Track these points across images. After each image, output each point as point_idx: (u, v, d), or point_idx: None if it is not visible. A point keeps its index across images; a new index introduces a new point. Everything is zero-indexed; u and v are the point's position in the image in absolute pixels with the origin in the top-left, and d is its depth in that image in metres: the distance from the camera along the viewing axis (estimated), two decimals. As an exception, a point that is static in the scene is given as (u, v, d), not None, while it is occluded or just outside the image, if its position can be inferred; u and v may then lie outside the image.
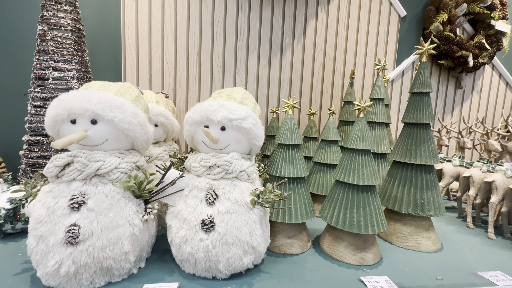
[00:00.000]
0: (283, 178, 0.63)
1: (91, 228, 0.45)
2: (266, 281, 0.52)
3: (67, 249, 0.44)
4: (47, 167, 0.48)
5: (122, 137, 0.51)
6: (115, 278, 0.49)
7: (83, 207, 0.46)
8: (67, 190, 0.47)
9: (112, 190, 0.48)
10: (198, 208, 0.51)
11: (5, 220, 0.61)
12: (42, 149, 0.79)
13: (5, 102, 1.03)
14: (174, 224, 0.53)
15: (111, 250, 0.46)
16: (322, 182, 0.88)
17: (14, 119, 1.01)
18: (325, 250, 0.65)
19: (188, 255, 0.50)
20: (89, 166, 0.47)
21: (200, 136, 0.54)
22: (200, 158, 0.54)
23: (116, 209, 0.48)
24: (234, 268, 0.51)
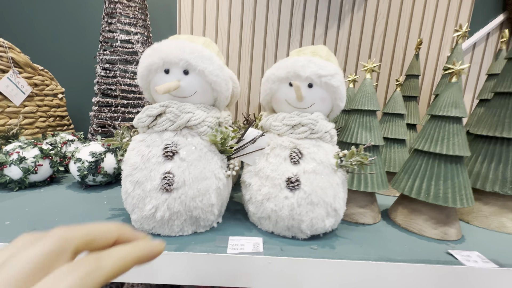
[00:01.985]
0: (358, 145, 0.60)
1: (183, 177, 0.46)
2: (346, 245, 0.50)
3: (163, 195, 0.45)
4: (138, 117, 0.49)
5: (208, 91, 0.50)
6: (200, 229, 0.51)
7: (176, 156, 0.46)
8: (159, 139, 0.48)
9: (200, 143, 0.49)
10: (282, 167, 0.50)
11: (88, 171, 0.65)
12: (111, 111, 0.83)
13: (75, 65, 1.08)
14: (254, 182, 0.53)
15: (200, 201, 0.47)
16: (385, 157, 0.84)
17: (84, 82, 1.07)
18: (399, 222, 0.62)
19: (271, 212, 0.50)
20: (181, 117, 0.47)
21: (283, 94, 0.52)
22: (282, 117, 0.52)
23: (204, 162, 0.48)
24: (316, 229, 0.50)
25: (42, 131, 0.85)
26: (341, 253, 0.47)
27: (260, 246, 0.47)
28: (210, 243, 0.47)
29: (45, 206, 0.57)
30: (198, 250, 0.44)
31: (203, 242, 0.47)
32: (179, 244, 0.46)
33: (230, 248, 0.45)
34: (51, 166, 0.69)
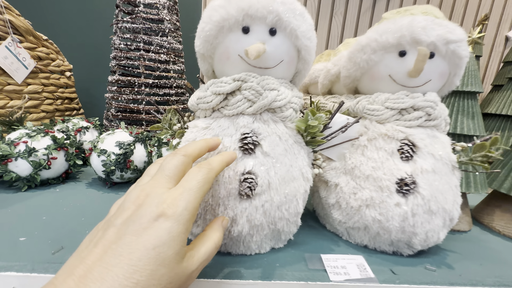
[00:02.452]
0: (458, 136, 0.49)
1: (268, 178, 0.34)
2: (463, 263, 0.40)
3: (241, 203, 0.33)
4: (199, 96, 0.36)
5: (294, 62, 0.37)
6: (279, 244, 0.39)
7: (258, 149, 0.34)
8: (232, 126, 0.35)
9: (284, 132, 0.36)
10: (388, 164, 0.38)
11: (115, 166, 0.52)
12: (133, 92, 0.69)
13: (81, 36, 0.92)
14: (344, 183, 0.41)
15: (286, 209, 0.35)
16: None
17: (93, 57, 0.91)
18: (498, 229, 0.52)
19: (372, 222, 0.38)
20: (264, 96, 0.34)
21: (388, 67, 0.39)
22: (384, 98, 0.40)
23: (290, 157, 0.36)
24: (428, 244, 0.39)
25: (49, 116, 0.71)
26: (467, 276, 0.36)
27: (367, 268, 0.35)
28: (299, 264, 0.36)
29: (68, 213, 0.45)
30: (291, 277, 0.33)
31: (291, 264, 0.36)
32: (262, 268, 0.34)
33: (331, 272, 0.34)
34: (66, 159, 0.55)
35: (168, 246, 0.20)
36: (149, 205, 0.22)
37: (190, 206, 0.23)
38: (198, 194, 0.24)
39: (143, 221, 0.21)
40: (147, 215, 0.21)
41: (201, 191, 0.24)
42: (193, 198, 0.23)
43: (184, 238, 0.22)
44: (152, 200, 0.22)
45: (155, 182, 0.24)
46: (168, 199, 0.22)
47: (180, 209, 0.22)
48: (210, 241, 0.27)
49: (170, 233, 0.21)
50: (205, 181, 0.25)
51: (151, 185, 0.24)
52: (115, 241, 0.20)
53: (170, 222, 0.21)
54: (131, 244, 0.19)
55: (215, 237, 0.28)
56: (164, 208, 0.21)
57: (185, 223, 0.22)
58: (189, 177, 0.25)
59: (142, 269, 0.19)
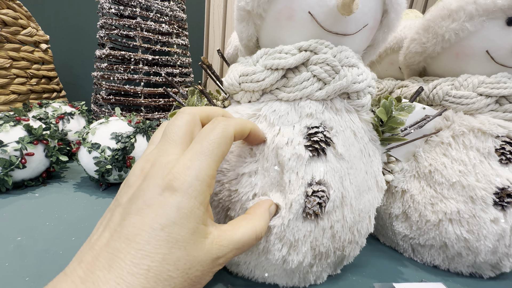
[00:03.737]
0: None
1: (342, 190, 0.24)
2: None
3: (305, 224, 0.24)
4: (244, 72, 0.25)
5: (375, 29, 0.27)
6: (337, 270, 0.30)
7: (329, 150, 0.24)
8: (293, 112, 0.25)
9: (360, 126, 0.27)
10: (482, 168, 0.30)
11: (112, 165, 0.41)
12: (128, 70, 0.56)
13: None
14: (416, 189, 0.32)
15: (358, 230, 0.26)
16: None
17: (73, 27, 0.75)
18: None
19: (455, 240, 0.30)
20: (342, 74, 0.24)
21: (487, 40, 0.30)
22: (477, 81, 0.31)
23: (366, 160, 0.26)
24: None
25: (22, 98, 0.57)
26: None
27: (457, 302, 0.28)
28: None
29: (52, 229, 0.33)
30: (370, 322, 0.25)
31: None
32: (328, 309, 0.26)
33: (416, 311, 0.26)
34: (46, 154, 0.43)
35: (180, 225, 0.17)
36: (152, 177, 0.18)
37: (202, 174, 0.18)
38: (211, 158, 0.19)
39: (147, 197, 0.17)
40: (151, 189, 0.18)
41: (216, 154, 0.19)
42: (206, 164, 0.19)
43: (199, 214, 0.18)
44: (157, 171, 0.18)
45: (159, 150, 0.20)
46: (174, 168, 0.18)
47: (189, 179, 0.18)
48: (250, 227, 0.21)
49: (180, 209, 0.17)
50: (220, 141, 0.20)
51: (155, 153, 0.20)
52: (120, 222, 0.17)
53: (178, 196, 0.17)
54: (136, 225, 0.17)
55: (257, 224, 0.22)
56: (170, 179, 0.18)
57: (198, 195, 0.18)
58: (200, 137, 0.20)
59: (152, 253, 0.16)
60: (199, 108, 0.23)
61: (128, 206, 0.18)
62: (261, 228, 0.22)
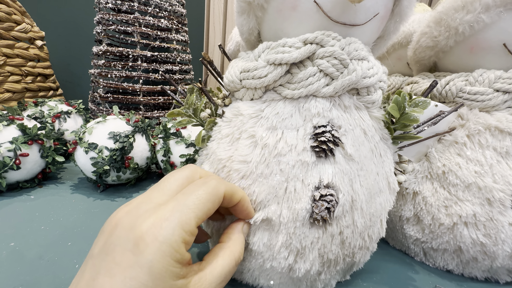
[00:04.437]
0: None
1: (352, 193, 0.23)
2: None
3: (312, 230, 0.22)
4: (244, 68, 0.24)
5: (386, 19, 0.25)
6: (346, 276, 0.29)
7: (338, 151, 0.23)
8: (297, 114, 0.23)
9: (370, 124, 0.25)
10: (500, 168, 0.28)
11: (110, 165, 0.39)
12: (126, 67, 0.54)
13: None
14: (429, 191, 0.31)
15: (369, 235, 0.25)
16: None
17: (69, 23, 0.74)
18: None
19: (471, 245, 0.29)
20: (351, 69, 0.22)
21: (503, 33, 0.27)
22: (493, 77, 0.29)
23: (377, 161, 0.25)
24: (535, 269, 0.30)
25: (17, 97, 0.55)
26: None
27: (474, 311, 0.26)
28: (383, 308, 0.26)
29: (48, 234, 0.32)
30: (382, 334, 0.23)
31: (373, 308, 0.26)
32: (338, 319, 0.24)
33: (432, 322, 0.25)
34: (42, 155, 0.42)
35: (153, 287, 0.15)
36: (123, 228, 0.16)
37: (179, 229, 0.16)
38: (194, 213, 0.17)
39: (116, 253, 0.16)
40: (121, 243, 0.16)
41: (201, 210, 0.18)
42: (186, 218, 0.17)
43: (175, 271, 0.16)
44: (130, 220, 0.17)
45: (144, 196, 0.19)
46: (149, 219, 0.16)
47: (164, 232, 0.16)
48: (228, 256, 0.20)
49: (152, 269, 0.15)
50: (208, 197, 0.18)
51: (139, 199, 0.19)
52: (89, 283, 0.15)
53: (150, 254, 0.15)
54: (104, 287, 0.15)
55: (235, 249, 0.21)
56: (142, 232, 0.16)
57: (172, 253, 0.16)
58: (189, 189, 0.19)
59: None
60: (204, 170, 0.22)
61: (98, 262, 0.16)
62: (239, 252, 0.21)
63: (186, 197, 0.18)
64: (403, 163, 0.29)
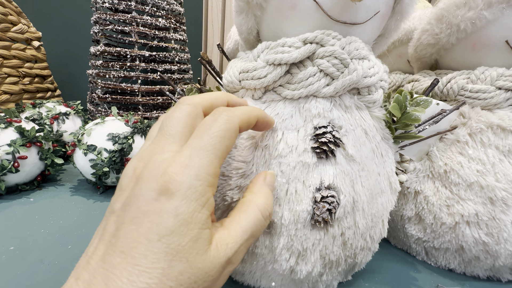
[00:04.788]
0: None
1: (354, 194, 0.23)
2: None
3: (314, 232, 0.22)
4: (243, 68, 0.23)
5: (387, 17, 0.24)
6: (348, 277, 0.29)
7: (338, 151, 0.22)
8: (298, 115, 0.23)
9: (371, 124, 0.25)
10: (502, 167, 0.28)
11: (110, 167, 0.39)
12: (124, 67, 0.54)
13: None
14: (431, 190, 0.30)
15: (371, 236, 0.25)
16: None
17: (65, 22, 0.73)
18: None
19: (473, 244, 0.28)
20: (351, 68, 0.22)
21: (506, 29, 0.27)
22: (495, 74, 0.28)
23: (378, 161, 0.25)
24: (538, 268, 0.30)
25: (15, 99, 0.55)
26: None
27: (476, 311, 0.26)
28: (385, 308, 0.26)
29: (47, 237, 0.32)
30: (385, 335, 0.23)
31: (375, 309, 0.26)
32: (340, 320, 0.24)
33: (434, 322, 0.25)
34: (40, 157, 0.42)
35: (179, 233, 0.15)
36: (146, 179, 0.16)
37: (202, 172, 0.16)
38: (214, 154, 0.17)
39: (140, 203, 0.15)
40: (145, 194, 0.15)
41: (219, 149, 0.17)
42: (207, 161, 0.16)
43: (202, 218, 0.16)
44: (150, 171, 0.16)
45: (154, 146, 0.18)
46: (170, 168, 0.16)
47: (188, 179, 0.15)
48: (252, 209, 0.19)
49: (178, 215, 0.15)
50: (223, 134, 0.17)
51: (150, 150, 0.18)
52: (114, 233, 0.15)
53: (176, 200, 0.15)
54: (131, 236, 0.15)
55: (259, 201, 0.19)
56: (165, 181, 0.15)
57: (199, 197, 0.16)
58: (200, 130, 0.18)
59: (150, 269, 0.14)
60: (200, 96, 0.20)
61: (121, 213, 0.16)
62: (264, 204, 0.19)
63: (200, 140, 0.17)
64: (405, 162, 0.29)
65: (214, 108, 0.20)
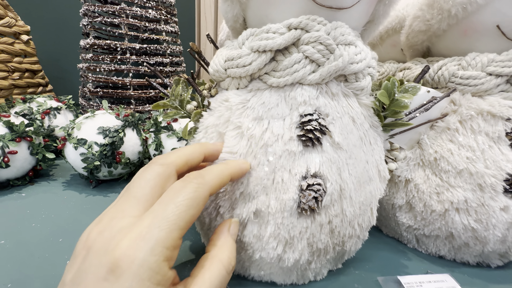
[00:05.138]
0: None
1: (341, 182, 0.22)
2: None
3: (301, 220, 0.22)
4: (229, 56, 0.23)
5: (374, 2, 0.24)
6: (338, 265, 0.29)
7: (325, 139, 0.22)
8: (283, 103, 0.22)
9: (359, 112, 0.24)
10: (492, 153, 0.28)
11: (101, 161, 0.39)
12: (115, 60, 0.53)
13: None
14: (421, 179, 0.30)
15: (359, 224, 0.25)
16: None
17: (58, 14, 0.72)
18: None
19: (462, 231, 0.28)
20: (337, 54, 0.21)
21: (498, 14, 0.26)
22: (486, 60, 0.28)
23: (366, 149, 0.24)
24: (527, 253, 0.31)
25: (5, 94, 0.54)
26: None
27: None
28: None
29: (39, 231, 0.32)
30: (373, 320, 0.23)
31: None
32: (328, 307, 0.24)
33: (422, 307, 0.25)
34: (31, 152, 0.41)
35: None
36: (96, 252, 0.15)
37: (159, 246, 0.15)
38: (176, 224, 0.16)
39: (88, 281, 0.14)
40: (93, 271, 0.14)
41: (183, 219, 0.16)
42: (166, 233, 0.15)
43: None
44: (103, 243, 0.15)
45: (116, 209, 0.17)
46: (124, 241, 0.15)
47: (141, 254, 0.14)
48: (216, 266, 0.18)
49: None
50: (190, 204, 0.16)
51: (111, 214, 0.17)
52: None
53: (125, 281, 0.14)
54: None
55: (222, 257, 0.19)
56: (116, 257, 0.14)
57: (152, 275, 0.14)
58: (166, 197, 0.17)
59: None
60: (174, 154, 0.20)
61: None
62: (227, 259, 0.19)
63: (164, 208, 0.16)
64: (394, 150, 0.29)
65: (189, 166, 0.20)
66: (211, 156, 0.22)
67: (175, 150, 0.21)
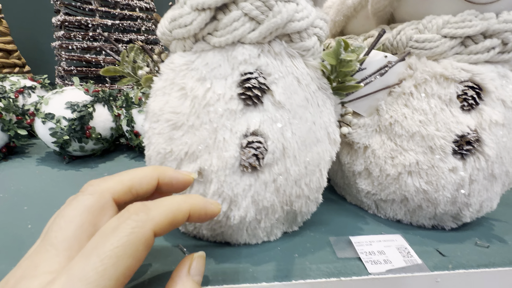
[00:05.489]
0: None
1: (283, 141, 0.23)
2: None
3: (244, 178, 0.23)
4: (172, 17, 0.23)
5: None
6: (293, 227, 0.30)
7: (266, 98, 0.22)
8: (226, 63, 0.22)
9: (305, 73, 0.24)
10: (443, 116, 0.28)
11: (70, 135, 0.39)
12: (87, 37, 0.52)
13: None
14: (377, 144, 0.31)
15: (306, 184, 0.25)
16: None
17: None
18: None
19: (414, 193, 0.29)
20: (276, 11, 0.21)
21: None
22: (441, 22, 0.28)
23: (313, 110, 0.25)
24: (479, 214, 0.31)
25: (-22, 73, 0.54)
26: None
27: (410, 252, 0.27)
28: (324, 252, 0.27)
29: (5, 201, 0.33)
30: (316, 273, 0.24)
31: (313, 253, 0.27)
32: (276, 263, 0.25)
33: (367, 261, 0.26)
34: (2, 129, 0.42)
35: None
36: None
37: None
38: (99, 285, 0.12)
39: None
40: None
41: (111, 277, 0.12)
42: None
43: None
44: None
45: (28, 263, 0.13)
46: None
47: None
48: None
49: None
50: (123, 252, 0.12)
51: (21, 270, 0.13)
52: None
53: None
54: None
55: None
56: None
57: None
58: (90, 245, 0.13)
59: None
60: (115, 179, 0.16)
61: None
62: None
63: (85, 262, 0.12)
64: (347, 114, 0.29)
65: (134, 193, 0.16)
66: (170, 185, 0.18)
67: (118, 173, 0.17)
